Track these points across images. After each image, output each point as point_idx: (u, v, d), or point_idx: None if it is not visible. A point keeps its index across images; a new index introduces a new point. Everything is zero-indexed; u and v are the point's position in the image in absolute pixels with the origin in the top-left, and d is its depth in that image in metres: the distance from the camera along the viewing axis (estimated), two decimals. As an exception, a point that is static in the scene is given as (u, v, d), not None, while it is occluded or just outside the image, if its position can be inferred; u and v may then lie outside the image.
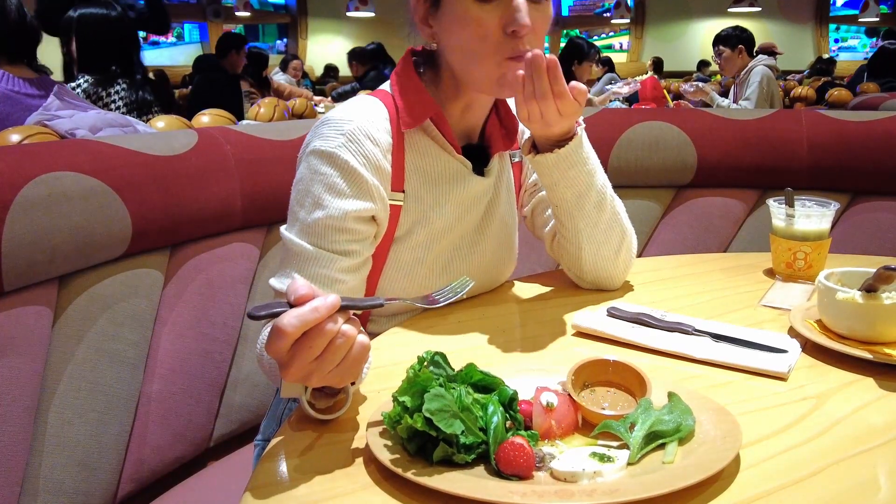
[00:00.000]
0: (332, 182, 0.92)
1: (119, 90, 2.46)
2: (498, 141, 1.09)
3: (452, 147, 1.03)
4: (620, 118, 1.80)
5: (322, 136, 0.94)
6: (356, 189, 0.93)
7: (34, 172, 1.03)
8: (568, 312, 1.04)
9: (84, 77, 2.42)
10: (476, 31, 0.93)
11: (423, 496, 0.60)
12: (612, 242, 1.08)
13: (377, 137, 0.96)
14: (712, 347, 0.90)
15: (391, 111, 1.00)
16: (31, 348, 1.02)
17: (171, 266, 1.27)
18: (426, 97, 1.01)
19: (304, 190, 0.94)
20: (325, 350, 0.63)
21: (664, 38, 12.40)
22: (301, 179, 0.95)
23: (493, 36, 0.92)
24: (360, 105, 0.99)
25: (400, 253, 1.03)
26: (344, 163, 0.92)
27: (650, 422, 0.66)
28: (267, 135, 1.46)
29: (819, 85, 5.59)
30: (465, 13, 0.92)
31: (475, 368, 0.71)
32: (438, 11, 0.96)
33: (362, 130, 0.95)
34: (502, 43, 0.93)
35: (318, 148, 0.94)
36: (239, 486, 0.68)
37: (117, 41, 2.47)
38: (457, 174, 1.04)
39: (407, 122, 0.99)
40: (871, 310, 0.87)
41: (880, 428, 0.72)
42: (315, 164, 0.93)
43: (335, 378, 0.67)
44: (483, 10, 0.92)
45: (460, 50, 0.96)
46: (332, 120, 0.96)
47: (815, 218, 1.18)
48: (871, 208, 1.71)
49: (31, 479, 1.01)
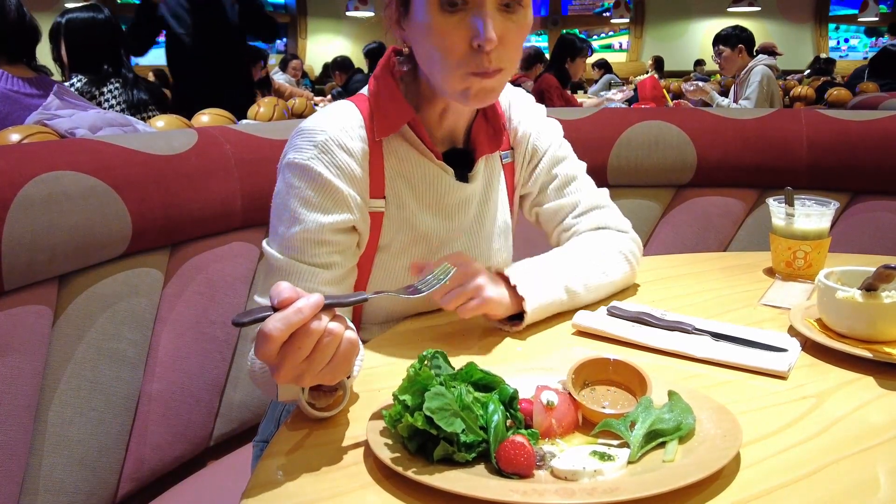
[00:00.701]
0: (306, 195, 0.92)
1: (112, 89, 2.46)
2: (484, 144, 1.05)
3: (432, 153, 1.00)
4: (620, 118, 1.80)
5: (295, 148, 0.94)
6: (331, 201, 0.92)
7: (34, 172, 1.03)
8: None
9: (77, 77, 2.42)
10: (440, 43, 0.89)
11: (423, 495, 0.60)
12: (618, 287, 1.11)
13: (350, 146, 0.94)
14: (712, 346, 0.90)
15: (366, 117, 0.97)
16: (31, 348, 1.02)
17: (171, 265, 1.27)
18: (401, 103, 0.98)
19: (281, 204, 0.94)
20: (313, 350, 0.64)
21: (663, 38, 12.40)
22: (278, 193, 0.95)
23: (457, 48, 0.88)
24: (334, 113, 0.97)
25: (386, 261, 1.02)
26: (317, 175, 0.91)
27: (650, 420, 0.66)
28: (267, 134, 1.46)
29: (819, 84, 5.58)
30: (431, 22, 0.89)
31: (475, 367, 0.71)
32: (408, 16, 0.93)
33: (334, 140, 0.93)
34: (468, 56, 0.89)
35: (291, 160, 0.93)
36: (239, 486, 0.68)
37: (106, 43, 2.47)
38: (438, 180, 1.02)
39: (380, 129, 0.97)
40: (870, 309, 0.87)
41: (880, 427, 0.72)
42: (289, 178, 0.93)
43: (327, 376, 0.67)
44: (447, 21, 0.88)
45: (427, 58, 0.93)
46: (305, 130, 0.94)
47: (814, 217, 1.18)
48: (871, 207, 1.71)
49: (31, 479, 1.01)
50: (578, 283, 1.02)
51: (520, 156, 1.14)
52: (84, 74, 2.43)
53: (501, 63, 0.90)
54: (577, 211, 1.14)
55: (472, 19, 0.87)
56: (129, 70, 2.56)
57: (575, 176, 1.15)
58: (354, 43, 11.34)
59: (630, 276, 1.13)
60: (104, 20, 2.47)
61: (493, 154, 1.09)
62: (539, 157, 1.14)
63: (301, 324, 0.62)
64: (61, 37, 2.45)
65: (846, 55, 12.18)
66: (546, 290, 0.98)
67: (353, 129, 0.96)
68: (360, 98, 1.01)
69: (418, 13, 0.90)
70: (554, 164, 1.14)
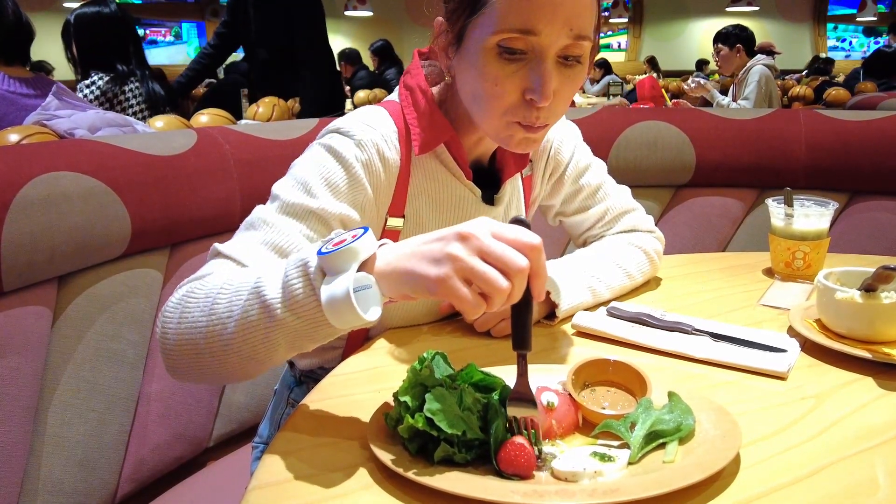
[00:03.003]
0: (332, 177, 0.86)
1: (133, 87, 2.46)
2: (510, 165, 1.01)
3: (463, 174, 0.97)
4: (619, 118, 1.80)
5: (334, 139, 0.89)
6: (351, 195, 0.88)
7: (33, 172, 1.03)
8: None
9: (98, 75, 2.42)
10: (491, 89, 0.83)
11: (424, 496, 0.60)
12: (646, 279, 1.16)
13: (388, 157, 0.91)
14: (712, 347, 0.90)
15: (400, 128, 0.93)
16: (30, 348, 1.02)
17: (170, 266, 1.27)
18: (441, 119, 0.93)
19: (298, 175, 0.87)
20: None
21: (662, 38, 12.40)
22: (299, 165, 0.89)
23: (508, 98, 0.83)
24: (371, 119, 0.92)
25: None
26: (350, 166, 0.87)
27: (650, 421, 0.66)
28: (266, 134, 1.46)
29: (817, 84, 5.59)
30: (485, 67, 0.82)
31: (476, 368, 0.71)
32: (460, 50, 0.87)
33: (374, 145, 0.89)
34: (517, 106, 0.84)
35: (329, 144, 0.88)
36: (238, 486, 0.68)
37: (114, 37, 2.47)
38: (465, 202, 0.98)
39: (419, 146, 0.92)
40: (870, 309, 0.87)
41: (879, 427, 0.72)
42: (321, 157, 0.88)
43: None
44: (504, 69, 0.82)
45: (472, 97, 0.88)
46: (343, 129, 0.90)
47: (813, 217, 1.18)
48: (870, 207, 1.71)
49: (31, 479, 1.01)
50: (603, 286, 1.06)
51: (539, 168, 1.11)
52: (101, 71, 2.42)
53: (549, 119, 0.86)
54: (606, 219, 1.17)
55: (531, 72, 0.81)
56: (145, 66, 2.55)
57: (601, 184, 1.16)
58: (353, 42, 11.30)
59: (653, 274, 1.18)
60: (111, 14, 2.46)
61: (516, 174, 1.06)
62: (562, 170, 1.12)
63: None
64: (71, 34, 2.45)
65: (849, 55, 12.19)
66: (575, 295, 1.01)
67: (391, 139, 0.92)
68: (393, 107, 0.95)
69: (472, 51, 0.84)
70: (578, 175, 1.14)
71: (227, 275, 0.74)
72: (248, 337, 0.67)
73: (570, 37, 0.81)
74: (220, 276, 0.74)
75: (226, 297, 0.69)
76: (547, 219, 1.21)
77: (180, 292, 0.74)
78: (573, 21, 0.80)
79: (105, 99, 2.40)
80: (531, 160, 1.10)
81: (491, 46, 0.81)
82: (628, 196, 1.20)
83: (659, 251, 1.18)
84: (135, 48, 2.54)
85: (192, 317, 0.70)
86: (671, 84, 6.40)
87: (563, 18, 0.79)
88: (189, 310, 0.71)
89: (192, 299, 0.72)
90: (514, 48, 0.81)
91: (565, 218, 1.19)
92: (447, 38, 0.89)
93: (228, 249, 0.80)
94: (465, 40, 0.85)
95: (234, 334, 0.67)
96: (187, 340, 0.70)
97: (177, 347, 0.71)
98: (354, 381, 0.83)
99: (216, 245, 0.81)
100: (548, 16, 0.79)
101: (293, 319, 0.65)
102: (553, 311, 0.98)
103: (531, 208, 1.15)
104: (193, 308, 0.71)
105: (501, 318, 0.93)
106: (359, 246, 0.65)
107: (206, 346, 0.69)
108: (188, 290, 0.74)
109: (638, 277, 1.13)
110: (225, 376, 0.73)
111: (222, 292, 0.69)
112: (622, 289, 1.10)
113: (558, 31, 0.80)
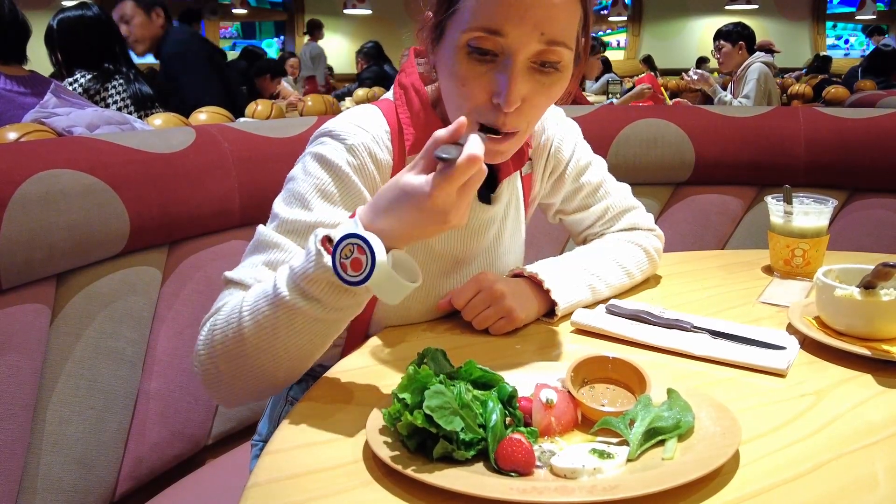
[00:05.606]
0: (325, 188, 0.88)
1: (116, 85, 2.46)
2: (507, 164, 1.00)
3: None
4: (618, 115, 1.80)
5: (324, 144, 0.90)
6: (349, 201, 0.88)
7: (31, 170, 1.03)
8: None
9: (81, 73, 2.41)
10: (460, 90, 0.82)
11: (423, 493, 0.60)
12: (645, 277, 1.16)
13: (380, 157, 0.91)
14: (711, 344, 0.90)
15: (393, 127, 0.93)
16: (29, 346, 1.02)
17: (169, 264, 1.27)
18: (434, 119, 0.93)
19: (294, 190, 0.89)
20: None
21: (661, 36, 12.39)
22: (293, 179, 0.90)
23: (476, 98, 0.82)
24: (362, 119, 0.92)
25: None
26: (343, 173, 0.88)
27: (649, 418, 0.66)
28: (265, 132, 1.45)
29: (816, 82, 5.59)
30: (455, 66, 0.82)
31: (475, 365, 0.71)
32: (438, 48, 0.87)
33: (365, 147, 0.90)
34: (484, 108, 0.82)
35: (320, 153, 0.89)
36: (237, 484, 0.68)
37: (98, 39, 2.47)
38: None
39: (412, 145, 0.92)
40: (869, 306, 0.87)
41: (878, 424, 0.72)
42: (312, 168, 0.89)
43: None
44: (473, 69, 0.81)
45: (446, 94, 0.88)
46: (334, 132, 0.90)
47: (813, 215, 1.18)
48: (869, 205, 1.71)
49: (30, 477, 1.01)
50: (602, 283, 1.06)
51: (540, 166, 1.11)
52: (87, 70, 2.42)
53: (518, 125, 0.83)
54: (606, 217, 1.17)
55: (498, 75, 0.80)
56: (131, 66, 2.55)
57: (601, 182, 1.16)
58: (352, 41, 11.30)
59: (652, 272, 1.18)
60: (93, 17, 2.46)
61: (515, 172, 1.05)
62: (562, 168, 1.12)
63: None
64: (55, 39, 2.45)
65: (848, 53, 12.19)
66: (574, 292, 1.01)
67: (383, 139, 0.92)
68: (387, 105, 0.96)
69: (447, 50, 0.84)
70: (579, 173, 1.14)
71: (241, 295, 0.81)
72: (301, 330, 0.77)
73: (541, 42, 0.79)
74: (236, 298, 0.81)
75: (249, 308, 0.78)
76: (547, 217, 1.21)
77: (204, 330, 0.82)
78: (544, 25, 0.78)
79: (88, 96, 2.39)
80: (530, 158, 1.10)
81: (462, 45, 0.81)
82: (629, 194, 1.20)
83: (659, 249, 1.18)
84: (120, 49, 2.54)
85: (226, 340, 0.79)
86: (670, 83, 6.40)
87: (533, 22, 0.78)
88: (217, 340, 0.79)
89: (218, 329, 0.80)
90: (483, 48, 0.80)
91: (565, 216, 1.19)
92: (429, 34, 0.88)
93: (237, 275, 0.86)
94: (443, 38, 0.85)
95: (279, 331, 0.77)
96: (234, 357, 0.79)
97: (227, 375, 0.80)
98: (353, 378, 0.83)
99: (226, 273, 0.87)
100: (515, 18, 0.77)
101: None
102: (552, 309, 0.98)
103: (531, 206, 1.15)
104: (220, 335, 0.79)
105: (500, 315, 0.94)
106: (378, 259, 0.71)
107: (252, 352, 0.78)
108: (211, 324, 0.81)
109: (637, 276, 1.13)
110: (275, 374, 0.80)
111: (244, 309, 0.78)
112: (621, 287, 1.10)
113: (528, 35, 0.78)
